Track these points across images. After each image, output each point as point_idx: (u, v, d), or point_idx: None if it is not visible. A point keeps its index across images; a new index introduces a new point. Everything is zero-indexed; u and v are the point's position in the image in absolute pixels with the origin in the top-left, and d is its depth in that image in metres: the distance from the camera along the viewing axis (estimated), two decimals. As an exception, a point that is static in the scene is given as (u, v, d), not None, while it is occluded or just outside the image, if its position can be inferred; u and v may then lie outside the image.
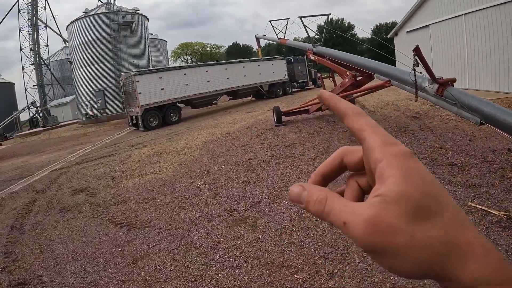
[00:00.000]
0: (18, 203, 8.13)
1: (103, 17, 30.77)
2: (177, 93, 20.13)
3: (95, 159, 12.06)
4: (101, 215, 6.04)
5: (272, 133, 10.45)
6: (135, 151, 12.05)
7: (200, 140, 11.54)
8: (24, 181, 10.85)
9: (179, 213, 5.44)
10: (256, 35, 21.35)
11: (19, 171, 13.30)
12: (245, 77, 23.96)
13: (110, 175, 9.06)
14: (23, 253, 5.07)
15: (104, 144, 16.61)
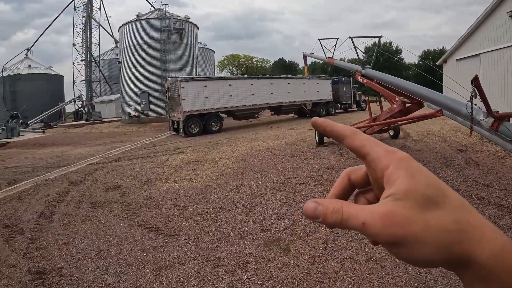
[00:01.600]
0: (52, 191, 8.63)
1: (155, 22, 33.01)
2: (221, 103, 21.04)
3: (133, 159, 12.58)
4: (131, 216, 6.22)
5: (313, 154, 10.48)
6: (173, 156, 12.41)
7: (239, 153, 11.74)
8: (60, 170, 11.55)
9: (210, 226, 5.45)
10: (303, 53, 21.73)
11: (57, 160, 14.22)
12: (290, 94, 24.77)
13: (145, 177, 9.37)
14: (47, 242, 5.32)
15: (144, 144, 17.32)
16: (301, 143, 12.59)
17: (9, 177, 11.42)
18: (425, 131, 13.23)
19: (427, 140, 11.52)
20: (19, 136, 29.11)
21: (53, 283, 4.05)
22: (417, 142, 11.41)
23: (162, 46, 32.36)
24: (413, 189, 0.36)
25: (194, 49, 36.73)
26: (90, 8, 44.25)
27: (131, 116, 32.64)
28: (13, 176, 11.52)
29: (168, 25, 32.30)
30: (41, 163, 13.85)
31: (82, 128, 32.93)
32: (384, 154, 0.40)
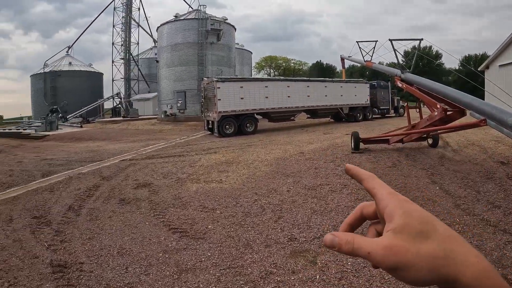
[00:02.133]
0: (83, 185, 8.93)
1: (192, 22, 33.92)
2: (256, 104, 21.24)
3: (166, 157, 12.81)
4: (157, 215, 6.28)
5: (347, 160, 10.30)
6: (205, 156, 12.53)
7: (272, 156, 11.70)
8: (94, 164, 11.96)
9: (236, 231, 5.39)
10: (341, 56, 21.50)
11: (92, 154, 14.76)
12: (326, 97, 24.71)
13: (176, 176, 9.50)
14: (72, 235, 5.47)
15: (178, 143, 17.64)
16: (336, 148, 12.43)
17: (44, 168, 11.95)
18: (465, 140, 12.78)
19: (467, 151, 11.10)
20: (57, 130, 30.55)
21: (73, 277, 4.14)
22: (457, 152, 10.99)
23: (200, 46, 33.18)
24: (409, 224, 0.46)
25: (232, 50, 37.37)
26: (129, 8, 46.52)
27: (167, 115, 33.58)
28: (47, 168, 12.05)
29: (206, 25, 33.15)
30: (76, 156, 14.42)
31: (119, 124, 34.08)
32: (386, 195, 0.51)
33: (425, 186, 7.28)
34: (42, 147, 20.49)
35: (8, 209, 7.41)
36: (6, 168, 12.91)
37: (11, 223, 6.45)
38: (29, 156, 16.03)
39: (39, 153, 17.20)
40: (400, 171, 8.67)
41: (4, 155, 17.94)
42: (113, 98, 49.84)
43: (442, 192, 6.83)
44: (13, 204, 7.79)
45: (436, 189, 7.03)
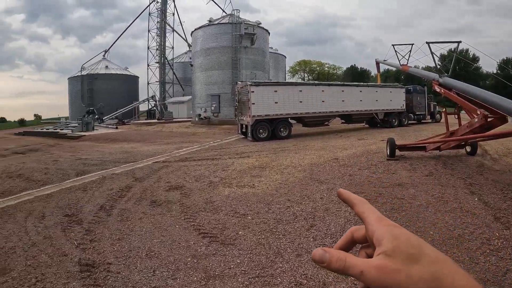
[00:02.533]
0: (115, 185, 9.11)
1: (226, 27, 34.56)
2: (290, 109, 21.22)
3: (199, 160, 12.90)
4: (188, 219, 6.28)
5: (383, 167, 10.06)
6: (238, 160, 12.52)
7: (306, 161, 11.57)
8: (127, 165, 12.21)
9: (267, 238, 5.29)
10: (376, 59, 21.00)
11: (126, 155, 15.11)
12: (361, 102, 24.49)
13: (209, 179, 9.51)
14: (102, 235, 5.54)
15: (211, 146, 17.76)
16: (371, 155, 12.20)
17: (78, 168, 12.33)
18: (504, 148, 12.29)
19: (507, 159, 10.63)
20: (93, 130, 31.69)
21: (99, 277, 4.17)
22: (496, 161, 10.50)
23: (234, 50, 33.82)
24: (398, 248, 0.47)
25: (265, 54, 37.74)
26: (164, 14, 48.39)
27: (201, 118, 34.16)
28: (82, 167, 12.41)
29: (240, 30, 33.76)
30: (110, 157, 14.80)
31: (154, 127, 34.86)
32: (375, 220, 0.54)
33: (463, 196, 6.94)
34: (77, 147, 21.23)
35: (41, 206, 7.65)
36: (42, 166, 13.42)
37: (43, 220, 6.64)
38: (64, 155, 16.62)
39: (74, 152, 17.81)
40: (437, 180, 8.37)
41: (41, 154, 18.71)
42: (148, 101, 51.75)
43: (481, 203, 6.49)
44: (46, 201, 8.04)
45: (474, 200, 6.70)
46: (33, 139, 32.60)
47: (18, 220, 6.82)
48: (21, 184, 10.47)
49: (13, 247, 5.41)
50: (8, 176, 12.17)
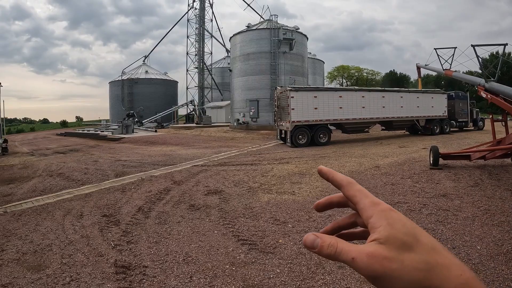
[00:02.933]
0: (154, 187, 9.17)
1: (264, 32, 34.90)
2: (330, 114, 21.10)
3: (237, 165, 12.85)
4: (227, 225, 6.17)
5: (426, 176, 9.73)
6: (278, 166, 12.36)
7: (347, 169, 11.40)
8: (166, 168, 12.33)
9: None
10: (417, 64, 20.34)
11: (165, 158, 15.32)
12: (402, 108, 24.12)
13: (248, 185, 9.40)
14: (139, 237, 5.52)
15: (249, 151, 17.71)
16: (413, 163, 11.90)
17: (117, 169, 12.58)
18: None
19: None
20: (133, 133, 32.58)
21: (135, 280, 4.10)
22: None
23: (272, 55, 34.03)
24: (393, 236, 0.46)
25: (304, 59, 37.72)
26: (202, 20, 49.82)
27: (239, 123, 34.42)
28: (121, 169, 12.66)
29: (278, 35, 34.00)
30: (149, 159, 15.05)
31: (192, 131, 35.38)
32: (369, 205, 0.51)
33: (511, 209, 6.47)
34: (117, 148, 21.82)
35: (79, 205, 7.80)
36: (82, 166, 13.82)
37: (81, 219, 6.74)
38: (104, 156, 17.07)
39: (114, 154, 18.27)
40: (483, 192, 7.97)
41: (81, 154, 19.35)
42: (187, 105, 52.99)
43: (531, 217, 6.07)
44: (85, 201, 8.19)
45: (523, 214, 6.30)
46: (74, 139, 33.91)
47: (56, 218, 6.97)
48: (61, 183, 10.78)
49: (49, 244, 5.49)
50: (48, 174, 12.60)
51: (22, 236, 6.07)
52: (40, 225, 6.63)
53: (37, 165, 15.51)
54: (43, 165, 15.47)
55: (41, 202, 8.56)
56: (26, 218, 7.21)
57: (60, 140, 35.72)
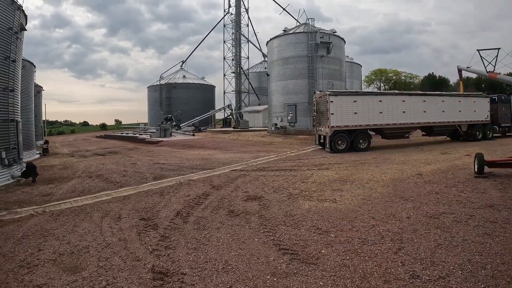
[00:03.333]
0: (192, 192, 9.13)
1: (301, 36, 34.75)
2: (370, 119, 20.67)
3: (276, 170, 12.66)
4: (267, 232, 5.99)
5: (471, 185, 9.35)
6: (317, 172, 12.10)
7: (389, 176, 11.03)
8: (204, 172, 12.31)
9: (352, 259, 4.86)
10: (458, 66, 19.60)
11: (203, 162, 15.35)
12: (443, 113, 23.41)
13: (288, 191, 9.19)
14: (177, 242, 5.42)
15: (288, 156, 17.48)
16: (457, 171, 11.49)
17: (156, 172, 12.68)
18: None
19: None
20: (171, 137, 33.16)
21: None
22: None
23: (310, 59, 33.84)
24: None
25: (342, 63, 37.40)
26: (238, 25, 50.71)
27: (277, 127, 34.34)
28: (159, 172, 12.76)
29: (315, 39, 33.76)
30: (187, 163, 15.13)
31: (230, 135, 35.56)
32: None
33: None
34: (155, 151, 22.15)
35: (118, 207, 7.83)
36: (121, 169, 14.05)
37: (119, 221, 6.74)
38: (143, 159, 17.33)
39: (152, 157, 18.53)
40: None
41: (120, 156, 19.76)
42: (224, 110, 53.95)
43: None
44: (123, 203, 8.23)
45: None
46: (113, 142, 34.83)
47: (94, 220, 7.01)
48: (100, 184, 10.96)
49: (87, 246, 5.49)
50: (88, 176, 12.88)
51: (60, 236, 6.13)
52: (78, 226, 6.68)
53: (76, 166, 15.95)
54: (82, 166, 15.88)
55: (79, 203, 8.70)
56: (64, 218, 7.31)
57: (99, 142, 36.84)
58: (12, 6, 13.52)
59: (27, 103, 22.97)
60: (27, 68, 23.94)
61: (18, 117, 14.18)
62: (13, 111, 13.37)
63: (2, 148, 12.47)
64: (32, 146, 23.23)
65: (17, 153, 13.58)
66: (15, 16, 13.59)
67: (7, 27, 13.08)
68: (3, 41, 12.86)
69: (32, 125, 24.01)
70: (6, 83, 12.89)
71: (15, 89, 13.61)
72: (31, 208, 8.40)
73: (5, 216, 7.84)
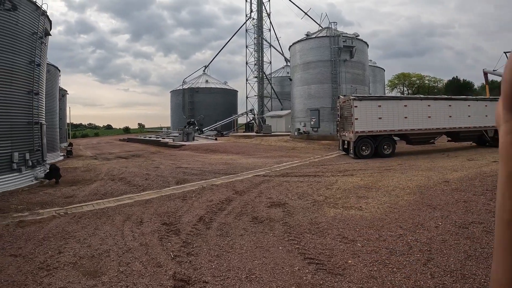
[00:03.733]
0: (215, 197, 9.01)
1: (324, 40, 34.59)
2: (395, 125, 20.28)
3: (300, 176, 12.45)
4: (292, 241, 5.82)
5: None
6: (342, 178, 11.85)
7: (415, 183, 10.70)
8: (227, 177, 12.20)
9: (380, 271, 4.66)
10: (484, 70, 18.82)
11: (226, 167, 15.26)
12: (470, 118, 22.71)
13: (312, 198, 8.98)
14: (200, 249, 5.29)
15: (312, 162, 17.24)
16: (485, 178, 11.03)
17: (178, 176, 12.64)
18: None
19: None
20: (193, 141, 33.30)
21: (195, 298, 3.85)
22: None
23: (333, 64, 33.68)
24: None
25: (365, 67, 37.06)
26: (260, 29, 50.85)
27: (300, 132, 34.14)
28: (182, 176, 12.71)
29: (338, 43, 33.61)
30: (210, 167, 15.07)
31: (252, 140, 35.48)
32: None
33: None
34: (178, 155, 22.23)
35: (140, 211, 7.78)
36: (143, 172, 14.08)
37: (141, 226, 6.67)
38: (165, 163, 17.37)
39: (175, 161, 18.56)
40: None
41: (143, 160, 19.87)
42: (247, 114, 54.04)
43: None
44: (146, 207, 8.18)
45: None
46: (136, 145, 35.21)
47: (115, 223, 6.96)
48: (122, 187, 10.97)
49: (107, 250, 5.41)
50: (110, 178, 12.94)
51: (81, 239, 6.10)
52: (99, 229, 6.64)
53: (99, 169, 16.09)
54: (105, 169, 16.01)
55: (101, 205, 8.69)
56: (85, 221, 7.29)
57: (122, 145, 37.32)
58: (37, 11, 13.82)
59: (51, 106, 23.46)
60: (52, 72, 24.50)
61: (42, 120, 14.42)
62: (38, 114, 13.60)
63: (26, 150, 12.69)
64: (56, 148, 23.68)
65: (41, 155, 13.80)
66: (39, 22, 13.89)
67: (31, 32, 13.38)
68: (28, 46, 13.16)
69: (56, 127, 24.50)
70: (30, 86, 13.15)
71: (39, 92, 13.86)
72: (53, 210, 8.46)
73: (27, 216, 7.91)
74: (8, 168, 11.90)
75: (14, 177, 12.03)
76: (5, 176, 11.67)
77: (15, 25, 12.48)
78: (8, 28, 12.19)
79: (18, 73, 12.60)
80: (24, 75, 12.93)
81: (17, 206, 9.24)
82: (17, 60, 12.56)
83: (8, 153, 11.98)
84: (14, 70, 12.42)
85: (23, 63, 12.86)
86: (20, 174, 12.24)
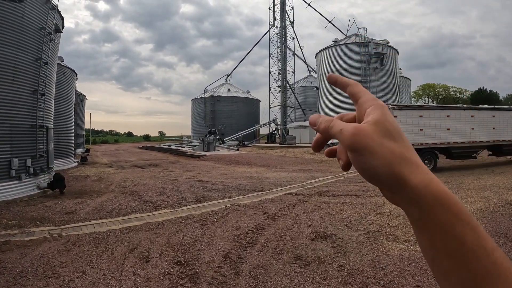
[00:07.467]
0: (243, 222, 7.26)
1: (353, 47, 33.28)
2: (437, 137, 18.45)
3: (339, 195, 10.63)
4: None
5: None
6: (388, 200, 9.97)
7: (474, 206, 8.93)
8: (254, 195, 10.45)
9: None
10: None
11: (251, 181, 13.49)
12: None
13: (363, 226, 7.15)
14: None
15: (347, 178, 15.32)
16: None
17: (198, 192, 10.98)
18: None
19: None
20: (214, 151, 31.68)
21: None
22: None
23: (363, 72, 32.34)
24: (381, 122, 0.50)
25: (396, 75, 35.64)
26: (284, 38, 49.52)
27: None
28: (202, 192, 11.04)
29: (368, 49, 32.16)
30: (233, 182, 13.36)
31: (276, 151, 33.73)
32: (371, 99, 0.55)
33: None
34: (197, 166, 20.62)
35: (148, 239, 6.11)
36: (159, 185, 12.47)
37: (147, 264, 4.97)
38: (184, 175, 15.77)
39: (194, 172, 16.95)
40: None
41: (160, 170, 18.32)
42: (270, 124, 52.45)
43: None
44: (156, 233, 6.50)
45: None
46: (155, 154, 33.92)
47: (115, 257, 5.30)
48: (132, 204, 9.37)
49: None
50: (121, 191, 11.39)
51: (66, 280, 4.48)
52: (92, 265, 4.99)
53: (111, 179, 14.60)
54: (118, 179, 14.51)
55: (103, 227, 7.09)
56: (79, 249, 5.70)
57: (140, 153, 36.05)
58: (46, 5, 12.52)
59: (67, 110, 22.34)
60: (67, 75, 23.44)
61: (49, 124, 13.01)
62: (43, 116, 12.18)
63: (28, 156, 11.26)
64: (70, 154, 22.47)
65: (45, 162, 12.35)
66: (48, 16, 12.55)
67: (39, 26, 12.09)
68: (34, 41, 11.86)
69: (71, 132, 23.29)
70: (36, 86, 11.74)
71: (46, 93, 12.43)
72: (46, 229, 7.04)
73: (15, 236, 6.55)
74: (6, 176, 10.52)
75: (13, 185, 10.62)
76: (2, 184, 10.26)
77: (20, 17, 11.18)
78: (12, 21, 10.92)
79: (22, 70, 11.26)
80: (29, 73, 11.59)
81: (8, 221, 7.86)
82: (21, 56, 11.21)
83: (7, 159, 10.60)
84: (18, 67, 11.08)
85: (28, 60, 11.52)
86: (19, 182, 10.82)
